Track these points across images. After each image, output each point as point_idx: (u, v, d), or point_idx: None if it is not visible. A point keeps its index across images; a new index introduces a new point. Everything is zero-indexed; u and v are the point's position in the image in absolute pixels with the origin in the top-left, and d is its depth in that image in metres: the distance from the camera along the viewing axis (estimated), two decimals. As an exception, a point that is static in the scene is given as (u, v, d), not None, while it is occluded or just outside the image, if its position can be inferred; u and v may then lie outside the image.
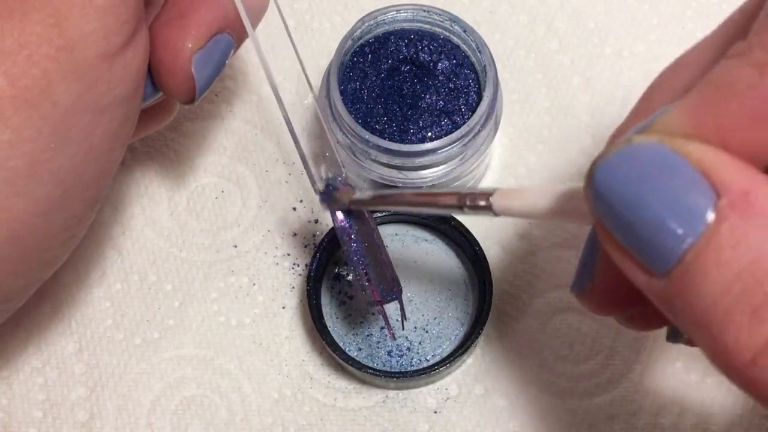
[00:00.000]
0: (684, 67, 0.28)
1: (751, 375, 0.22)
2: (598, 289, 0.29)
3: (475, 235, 0.42)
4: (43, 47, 0.30)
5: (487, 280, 0.42)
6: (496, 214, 0.30)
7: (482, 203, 0.30)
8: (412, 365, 0.42)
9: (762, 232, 0.22)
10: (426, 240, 0.44)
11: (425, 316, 0.43)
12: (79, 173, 0.32)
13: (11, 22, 0.30)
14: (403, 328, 0.42)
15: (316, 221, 0.45)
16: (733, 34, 0.27)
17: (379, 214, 0.43)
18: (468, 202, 0.31)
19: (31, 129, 0.30)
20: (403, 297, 0.43)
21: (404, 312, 0.40)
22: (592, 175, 0.24)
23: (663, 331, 0.44)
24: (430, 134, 0.41)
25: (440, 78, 0.42)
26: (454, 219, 0.43)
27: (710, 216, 0.23)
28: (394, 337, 0.42)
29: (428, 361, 0.42)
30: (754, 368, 0.22)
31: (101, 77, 0.31)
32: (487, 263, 0.42)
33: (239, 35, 0.36)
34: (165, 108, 0.40)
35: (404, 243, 0.44)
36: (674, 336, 0.30)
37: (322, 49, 0.48)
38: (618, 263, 0.25)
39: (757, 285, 0.22)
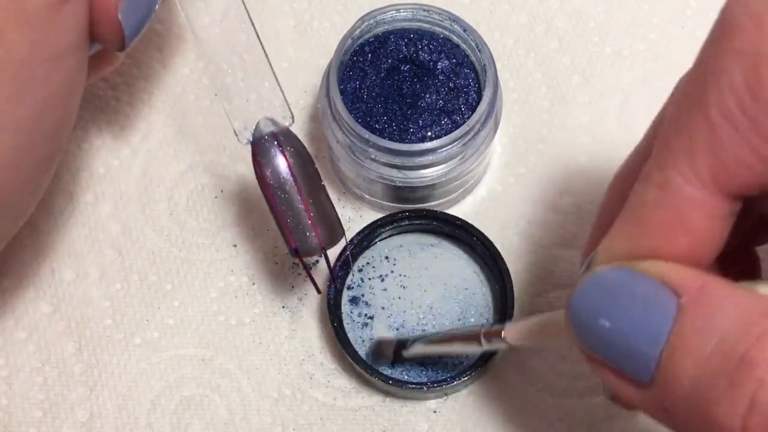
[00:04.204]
0: (625, 177, 0.32)
1: None
2: None
3: (474, 234, 0.43)
4: None
5: (503, 271, 0.42)
6: (511, 346, 0.35)
7: (497, 340, 0.35)
8: (448, 369, 0.42)
9: (721, 315, 0.24)
10: (432, 245, 0.44)
11: (449, 320, 0.43)
12: (41, 122, 0.33)
13: None
14: (319, 292, 0.41)
15: (316, 221, 0.45)
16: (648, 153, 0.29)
17: (383, 230, 0.43)
18: (484, 340, 0.36)
19: None
20: (424, 304, 0.43)
21: (331, 269, 0.39)
22: (568, 307, 0.27)
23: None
24: (430, 133, 0.41)
25: (440, 77, 0.42)
26: (459, 219, 0.43)
27: (675, 314, 0.25)
28: (318, 291, 0.41)
29: (462, 361, 0.42)
30: None
31: (51, 25, 0.32)
32: (500, 254, 0.42)
33: None
34: (105, 57, 0.40)
35: (411, 252, 0.44)
36: None
37: (322, 49, 0.48)
38: (609, 385, 0.27)
39: (727, 359, 0.24)
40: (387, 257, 0.44)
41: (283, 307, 0.44)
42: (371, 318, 0.43)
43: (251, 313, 0.44)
